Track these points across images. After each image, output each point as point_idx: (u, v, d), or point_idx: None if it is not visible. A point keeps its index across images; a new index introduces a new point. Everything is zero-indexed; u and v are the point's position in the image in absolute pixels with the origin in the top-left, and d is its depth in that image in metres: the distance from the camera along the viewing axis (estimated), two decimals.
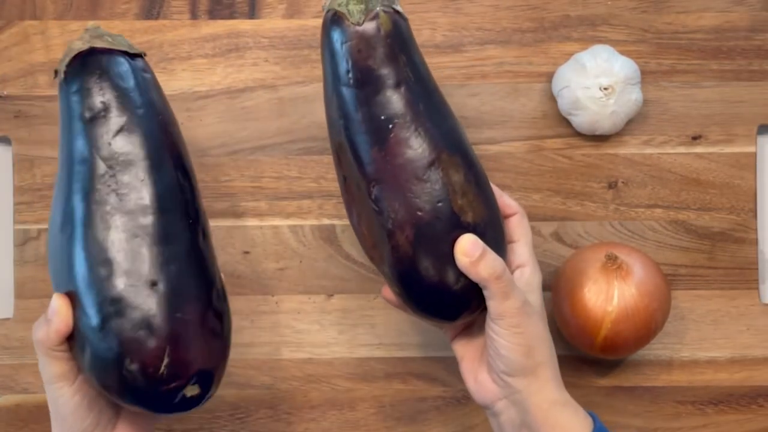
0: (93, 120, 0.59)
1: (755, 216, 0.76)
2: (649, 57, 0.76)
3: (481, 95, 0.76)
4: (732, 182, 0.76)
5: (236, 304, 0.75)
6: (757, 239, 0.76)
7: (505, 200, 0.65)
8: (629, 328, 0.68)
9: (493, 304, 0.60)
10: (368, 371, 0.76)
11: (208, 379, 0.58)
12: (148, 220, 0.57)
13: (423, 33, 0.76)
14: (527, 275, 0.64)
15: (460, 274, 0.60)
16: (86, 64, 0.61)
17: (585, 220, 0.76)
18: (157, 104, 0.62)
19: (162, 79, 0.76)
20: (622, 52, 0.74)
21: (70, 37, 0.76)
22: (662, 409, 0.75)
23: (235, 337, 0.75)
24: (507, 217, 0.65)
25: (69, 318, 0.57)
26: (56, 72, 0.62)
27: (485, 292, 0.60)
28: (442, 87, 0.76)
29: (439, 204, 0.59)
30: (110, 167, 0.58)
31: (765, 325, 0.76)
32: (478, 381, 0.64)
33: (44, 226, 0.75)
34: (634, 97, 0.73)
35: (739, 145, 0.76)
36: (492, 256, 0.60)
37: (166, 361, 0.55)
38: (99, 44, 0.61)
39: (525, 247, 0.64)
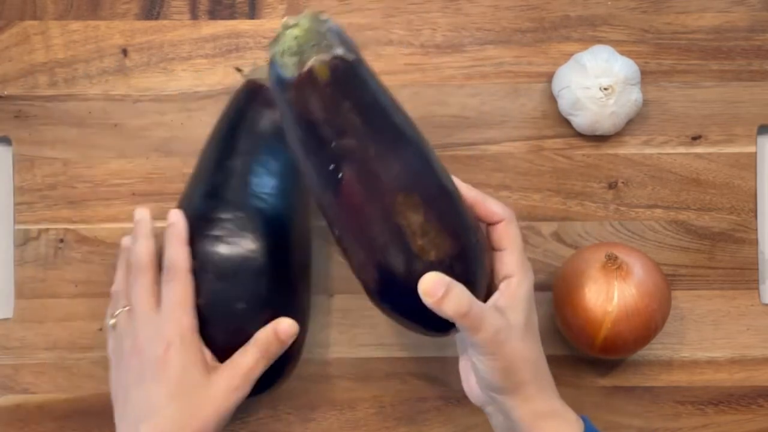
0: None
1: (755, 216, 0.76)
2: (649, 57, 0.76)
3: (481, 95, 0.76)
4: (732, 182, 0.76)
5: None
6: (757, 239, 0.76)
7: (490, 207, 0.62)
8: (629, 328, 0.68)
9: (465, 335, 0.59)
10: (368, 371, 0.75)
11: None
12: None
13: (423, 33, 0.76)
14: (513, 286, 0.61)
15: None
16: None
17: (585, 221, 0.76)
18: None
19: (162, 79, 0.76)
20: (622, 52, 0.74)
21: (70, 37, 0.76)
22: (662, 409, 0.75)
23: None
24: (493, 224, 0.62)
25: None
26: None
27: (456, 325, 0.59)
28: (443, 87, 0.76)
29: (398, 248, 0.58)
30: None
31: (765, 325, 0.76)
32: (470, 384, 0.65)
33: (44, 226, 0.75)
34: (634, 97, 0.73)
35: (739, 145, 0.76)
36: (456, 292, 0.57)
37: None
38: None
39: (512, 255, 0.61)
